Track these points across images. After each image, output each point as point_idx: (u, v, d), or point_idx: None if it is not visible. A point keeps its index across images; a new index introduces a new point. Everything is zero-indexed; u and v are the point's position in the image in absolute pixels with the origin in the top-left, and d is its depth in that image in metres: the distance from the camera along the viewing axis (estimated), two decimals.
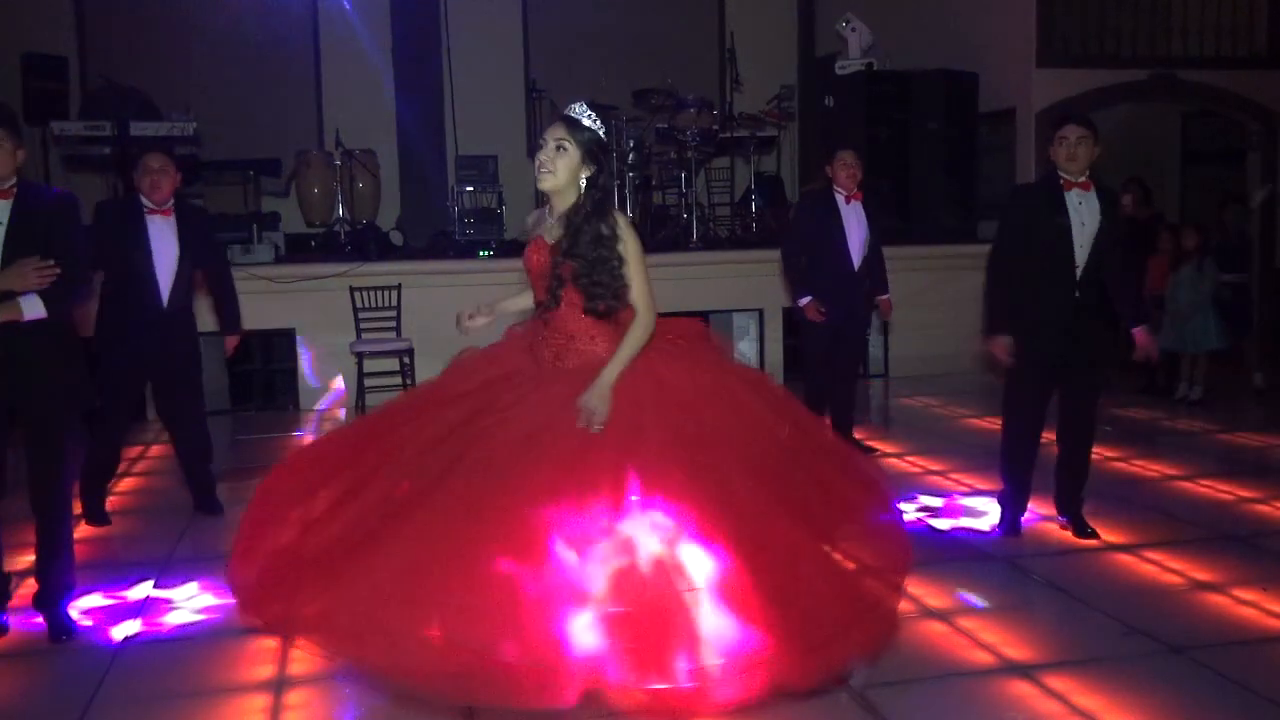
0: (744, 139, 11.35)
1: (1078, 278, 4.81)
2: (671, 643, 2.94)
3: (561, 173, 3.35)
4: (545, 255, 3.42)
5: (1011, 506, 5.25)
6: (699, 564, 3.05)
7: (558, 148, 3.35)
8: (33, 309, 3.98)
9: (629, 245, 3.38)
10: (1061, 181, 4.84)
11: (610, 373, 3.28)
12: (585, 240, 3.34)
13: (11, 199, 3.98)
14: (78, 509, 5.20)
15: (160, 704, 3.59)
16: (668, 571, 3.04)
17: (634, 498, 3.11)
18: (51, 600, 4.22)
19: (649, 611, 3.00)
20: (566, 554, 3.03)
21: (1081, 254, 4.79)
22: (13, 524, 4.51)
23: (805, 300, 6.57)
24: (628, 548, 3.06)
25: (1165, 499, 5.83)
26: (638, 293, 3.41)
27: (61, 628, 4.17)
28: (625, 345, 3.35)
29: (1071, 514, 5.18)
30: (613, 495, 3.10)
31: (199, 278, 5.86)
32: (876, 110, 10.16)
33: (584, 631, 2.95)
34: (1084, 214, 4.81)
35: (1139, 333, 5.01)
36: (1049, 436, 5.19)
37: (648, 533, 3.07)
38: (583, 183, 3.39)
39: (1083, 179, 4.83)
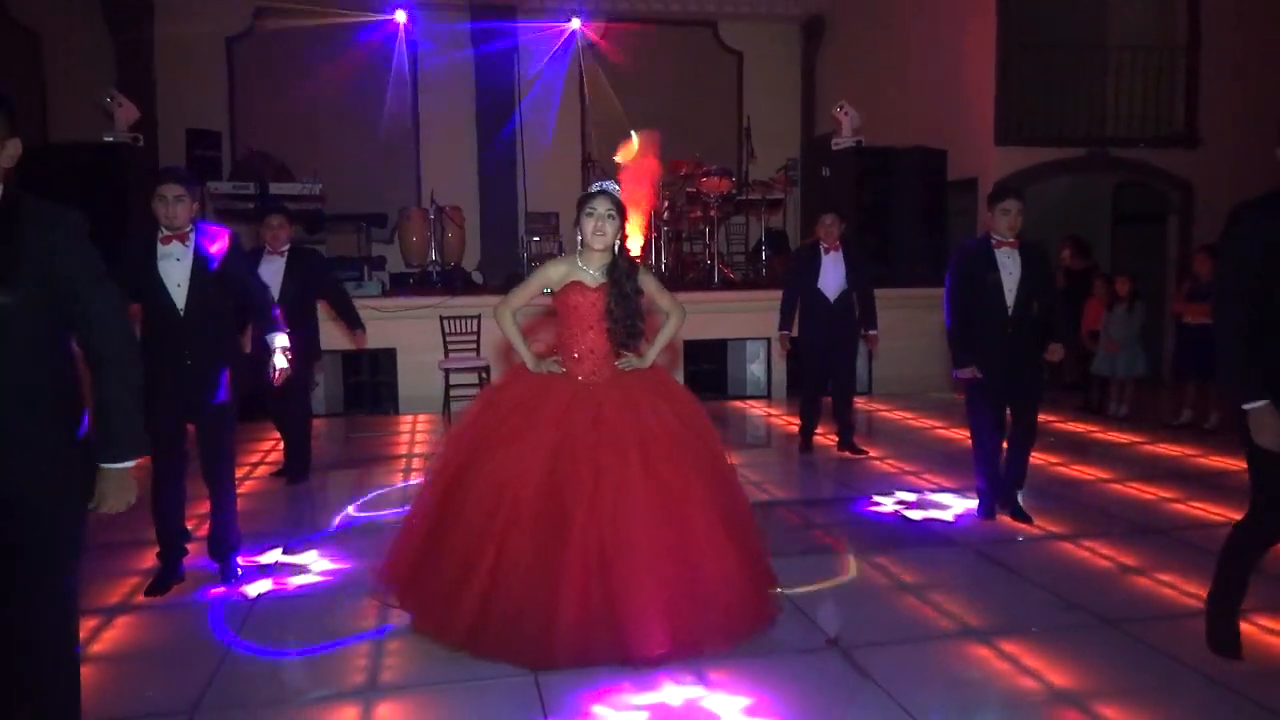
0: (756, 201, 11.38)
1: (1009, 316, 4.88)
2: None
3: (611, 235, 3.59)
4: (591, 298, 3.62)
5: (987, 496, 5.23)
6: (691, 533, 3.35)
7: (609, 216, 3.56)
8: (283, 341, 4.43)
9: (650, 284, 3.75)
10: (994, 242, 4.90)
11: (652, 352, 3.78)
12: (629, 293, 3.64)
13: (189, 243, 4.07)
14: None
15: (286, 647, 3.62)
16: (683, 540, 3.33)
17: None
18: (223, 553, 4.33)
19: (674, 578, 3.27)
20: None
21: (1010, 298, 4.87)
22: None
23: (782, 333, 6.93)
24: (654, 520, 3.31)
25: (1099, 498, 5.75)
26: (668, 301, 3.87)
27: (230, 573, 4.31)
28: (665, 331, 3.85)
29: (1014, 505, 5.19)
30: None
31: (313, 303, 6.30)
32: (865, 179, 10.12)
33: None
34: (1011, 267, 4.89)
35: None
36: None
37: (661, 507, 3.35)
38: (616, 244, 3.65)
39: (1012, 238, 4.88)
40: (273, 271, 5.86)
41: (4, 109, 2.34)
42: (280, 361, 4.43)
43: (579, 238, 3.65)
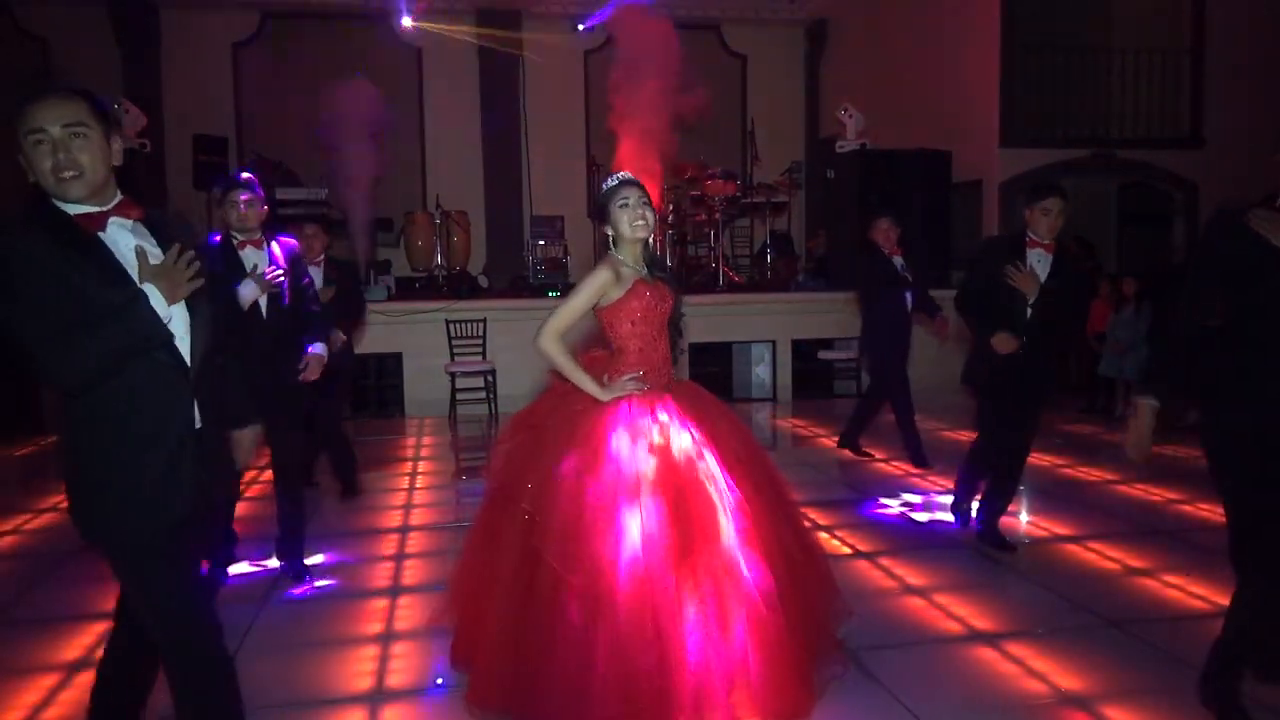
0: (761, 203, 11.38)
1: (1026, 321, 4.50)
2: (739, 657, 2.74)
3: (652, 222, 3.13)
4: (660, 299, 3.13)
5: (973, 505, 4.93)
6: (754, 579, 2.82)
7: (644, 203, 3.10)
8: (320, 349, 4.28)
9: None
10: (1028, 240, 4.54)
11: None
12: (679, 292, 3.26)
13: (263, 249, 4.12)
14: None
15: (293, 651, 3.62)
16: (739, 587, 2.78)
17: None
18: (295, 554, 4.40)
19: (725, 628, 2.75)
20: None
21: (1030, 303, 4.49)
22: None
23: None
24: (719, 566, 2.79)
25: (1104, 499, 5.74)
26: None
27: (302, 572, 4.38)
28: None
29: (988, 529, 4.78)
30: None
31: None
32: (869, 181, 10.11)
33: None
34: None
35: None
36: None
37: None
38: (650, 239, 3.20)
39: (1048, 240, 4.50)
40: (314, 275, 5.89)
41: (100, 105, 2.26)
42: (315, 359, 4.33)
43: (610, 236, 3.14)
